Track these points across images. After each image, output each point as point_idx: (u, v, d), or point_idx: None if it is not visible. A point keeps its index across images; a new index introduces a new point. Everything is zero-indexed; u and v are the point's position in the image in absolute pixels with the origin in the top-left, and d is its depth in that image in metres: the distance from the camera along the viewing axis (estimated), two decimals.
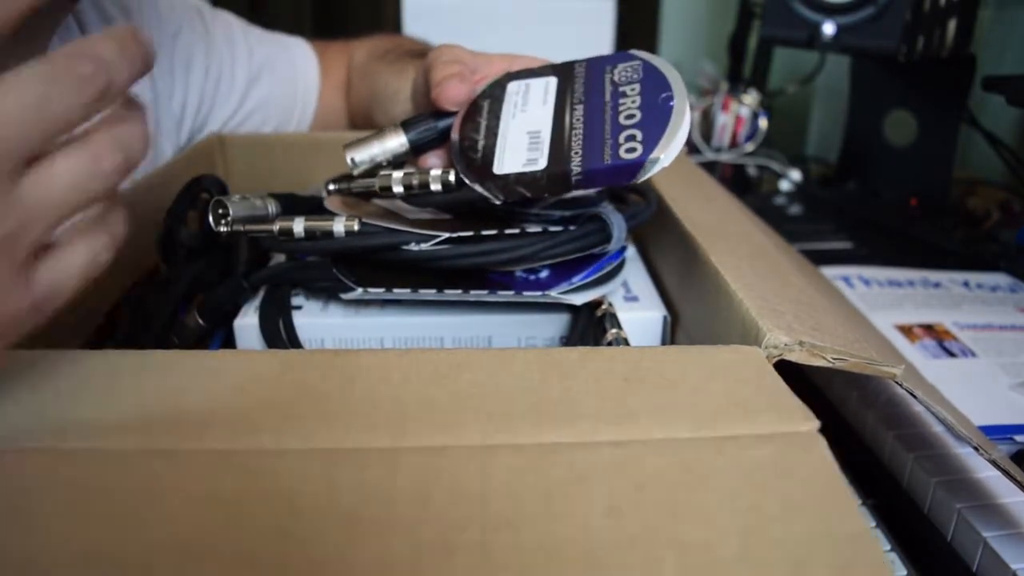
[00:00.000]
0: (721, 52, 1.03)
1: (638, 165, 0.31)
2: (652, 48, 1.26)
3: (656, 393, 0.24)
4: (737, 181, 0.93)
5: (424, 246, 0.34)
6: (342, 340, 0.37)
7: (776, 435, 0.22)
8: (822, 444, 0.22)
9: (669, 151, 0.31)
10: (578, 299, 0.35)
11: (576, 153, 0.32)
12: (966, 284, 0.61)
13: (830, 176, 0.95)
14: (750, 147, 0.93)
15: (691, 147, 0.93)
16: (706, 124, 0.96)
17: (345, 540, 0.18)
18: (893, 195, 0.84)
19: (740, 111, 0.93)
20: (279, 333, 0.36)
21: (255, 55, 0.58)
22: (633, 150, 0.31)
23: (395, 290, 0.35)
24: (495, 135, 0.35)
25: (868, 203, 0.84)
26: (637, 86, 0.34)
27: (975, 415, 0.40)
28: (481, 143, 0.35)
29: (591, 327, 0.36)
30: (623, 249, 0.39)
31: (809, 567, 0.18)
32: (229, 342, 0.37)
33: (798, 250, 0.63)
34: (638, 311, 0.38)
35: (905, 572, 0.33)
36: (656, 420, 0.23)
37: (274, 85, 0.59)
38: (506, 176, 0.33)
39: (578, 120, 0.34)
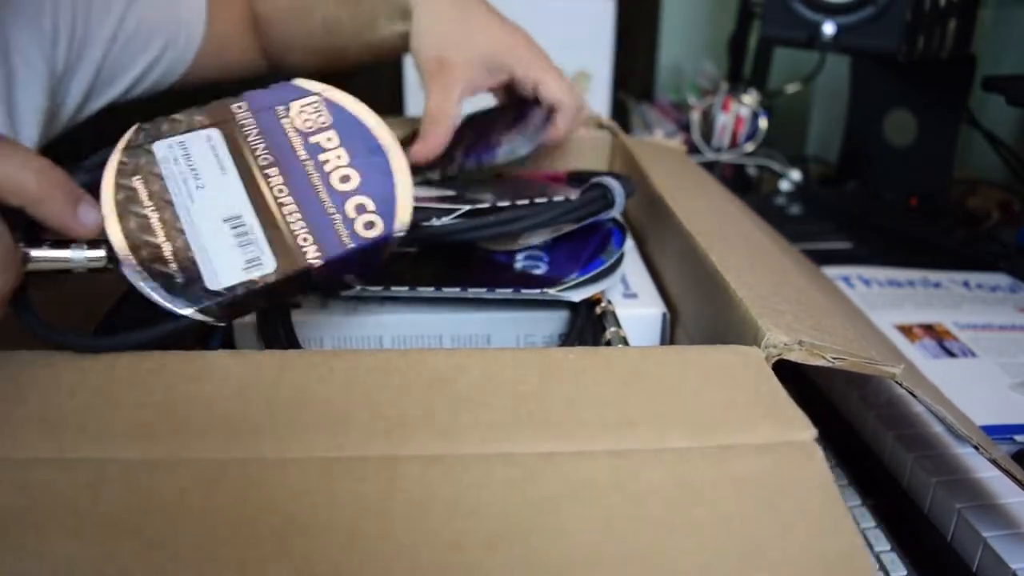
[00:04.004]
0: (721, 52, 1.03)
1: (383, 240, 0.28)
2: (652, 48, 1.26)
3: (654, 399, 0.24)
4: (737, 181, 0.92)
5: (445, 220, 0.35)
6: (341, 338, 0.37)
7: (773, 445, 0.22)
8: (819, 455, 0.21)
9: (406, 214, 0.28)
10: (576, 296, 0.35)
11: (305, 240, 0.27)
12: (966, 284, 0.61)
13: (830, 176, 0.95)
14: (750, 147, 0.93)
15: (691, 147, 0.93)
16: (706, 124, 0.95)
17: (344, 558, 0.19)
18: (893, 195, 0.84)
19: (740, 111, 0.92)
20: (278, 332, 0.36)
21: None
22: (372, 224, 0.28)
23: (393, 288, 0.35)
24: (181, 232, 0.27)
25: (868, 203, 0.83)
26: (334, 136, 0.29)
27: (975, 415, 0.40)
28: (167, 248, 0.27)
29: (590, 325, 0.36)
30: (620, 248, 0.39)
31: None
32: (228, 342, 0.37)
33: (798, 250, 0.63)
34: (637, 308, 0.38)
35: (905, 572, 0.33)
36: (654, 428, 0.22)
37: (154, 3, 0.57)
38: (232, 290, 0.26)
39: (281, 191, 0.28)
